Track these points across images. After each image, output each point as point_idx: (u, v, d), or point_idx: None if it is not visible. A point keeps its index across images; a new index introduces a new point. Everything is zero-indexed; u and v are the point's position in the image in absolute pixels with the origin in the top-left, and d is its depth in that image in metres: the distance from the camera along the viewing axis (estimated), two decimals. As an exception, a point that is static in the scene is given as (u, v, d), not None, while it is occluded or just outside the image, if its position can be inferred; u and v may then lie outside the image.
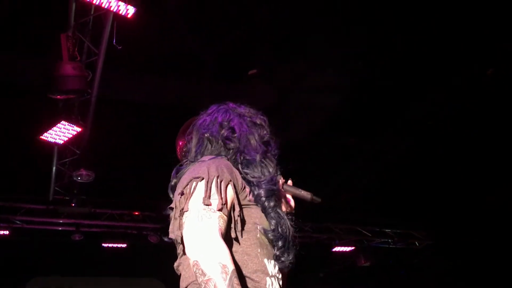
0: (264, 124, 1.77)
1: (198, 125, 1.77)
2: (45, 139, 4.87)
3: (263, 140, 1.73)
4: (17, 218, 6.48)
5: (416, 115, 6.08)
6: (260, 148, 1.68)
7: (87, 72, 4.32)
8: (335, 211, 7.83)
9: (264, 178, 1.60)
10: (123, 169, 6.27)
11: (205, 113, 1.79)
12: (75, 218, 6.65)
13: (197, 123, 1.78)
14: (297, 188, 1.87)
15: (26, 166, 5.97)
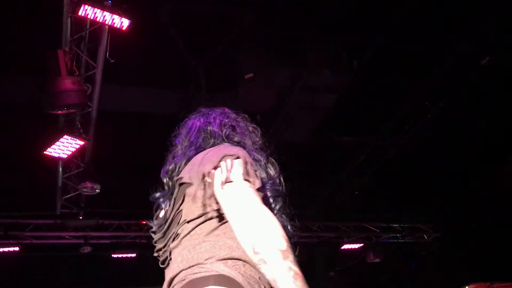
0: (256, 132, 1.74)
1: (192, 124, 1.73)
2: (49, 154, 4.92)
3: (255, 147, 1.68)
4: (26, 234, 6.53)
5: (414, 107, 6.10)
6: (263, 150, 1.66)
7: (87, 86, 4.37)
8: (342, 209, 7.85)
9: (270, 179, 1.57)
10: (128, 179, 6.31)
11: (198, 114, 1.76)
12: (83, 230, 6.70)
13: (190, 123, 1.75)
14: None
15: (32, 182, 6.02)
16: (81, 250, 6.75)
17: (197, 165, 1.46)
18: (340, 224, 8.03)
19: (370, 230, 8.14)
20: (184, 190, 1.46)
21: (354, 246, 8.10)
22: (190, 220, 1.38)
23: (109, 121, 5.34)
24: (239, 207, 1.26)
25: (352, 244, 8.06)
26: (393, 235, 8.24)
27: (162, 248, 1.46)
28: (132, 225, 7.06)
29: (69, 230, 6.63)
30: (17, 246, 6.48)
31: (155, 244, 1.49)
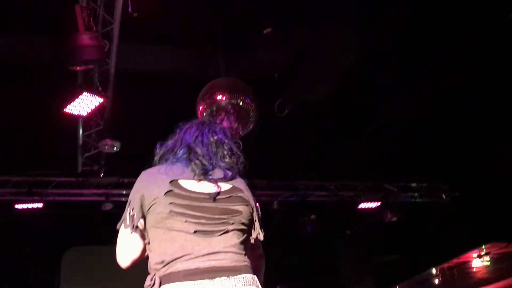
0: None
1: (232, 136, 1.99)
2: (69, 112, 4.98)
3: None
4: (49, 191, 6.70)
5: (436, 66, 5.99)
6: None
7: (104, 42, 4.37)
8: (360, 168, 7.86)
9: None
10: (147, 137, 6.37)
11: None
12: (104, 188, 6.84)
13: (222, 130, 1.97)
14: None
15: (54, 140, 6.13)
16: (102, 207, 6.90)
17: (251, 195, 1.78)
18: (358, 184, 8.04)
19: (387, 189, 8.15)
20: (244, 200, 1.72)
21: (371, 206, 8.12)
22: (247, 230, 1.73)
23: (127, 79, 5.37)
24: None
25: (369, 203, 8.09)
26: (410, 195, 8.24)
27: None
28: (151, 183, 7.16)
29: (91, 187, 6.77)
30: (41, 202, 6.65)
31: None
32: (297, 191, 7.80)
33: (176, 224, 1.60)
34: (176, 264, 1.55)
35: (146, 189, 1.68)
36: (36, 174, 6.70)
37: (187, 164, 1.75)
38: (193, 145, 1.83)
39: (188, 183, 1.68)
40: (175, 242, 1.59)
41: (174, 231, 1.60)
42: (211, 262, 1.56)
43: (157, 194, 1.63)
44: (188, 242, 1.58)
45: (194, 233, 1.59)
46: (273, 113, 5.80)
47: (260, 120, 5.30)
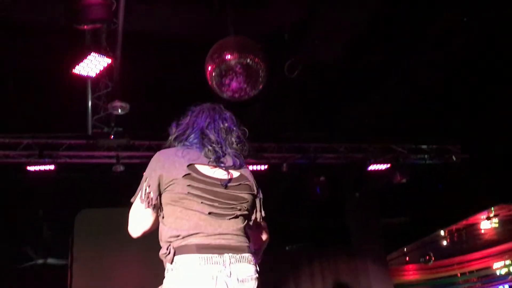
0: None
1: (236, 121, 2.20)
2: (78, 73, 4.95)
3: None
4: (60, 153, 6.75)
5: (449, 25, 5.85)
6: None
7: (111, 0, 4.30)
8: (369, 130, 7.82)
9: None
10: (156, 99, 6.37)
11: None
12: (115, 150, 6.87)
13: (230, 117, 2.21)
14: None
15: (63, 103, 6.12)
16: (113, 169, 6.95)
17: (254, 182, 2.06)
18: (367, 146, 8.01)
19: (397, 151, 8.11)
20: (250, 188, 2.01)
21: (380, 167, 8.10)
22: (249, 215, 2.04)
23: (135, 40, 5.31)
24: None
25: (378, 165, 8.07)
26: (420, 156, 8.20)
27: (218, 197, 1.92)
28: (162, 145, 7.17)
29: (101, 149, 6.80)
30: (52, 165, 6.71)
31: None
32: (306, 153, 7.78)
33: (193, 204, 1.87)
34: (190, 239, 1.83)
35: (165, 169, 1.92)
36: (46, 137, 6.73)
37: (201, 149, 1.99)
38: (206, 131, 2.05)
39: (203, 168, 1.94)
40: (191, 220, 1.86)
41: (191, 210, 1.87)
42: (221, 240, 1.85)
43: (176, 176, 1.88)
44: (202, 222, 1.86)
45: (208, 214, 1.87)
46: (283, 74, 5.72)
47: (269, 81, 5.24)
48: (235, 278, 1.81)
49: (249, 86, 4.65)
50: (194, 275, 1.77)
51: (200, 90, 5.35)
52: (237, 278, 1.81)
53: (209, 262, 1.78)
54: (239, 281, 1.82)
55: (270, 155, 7.68)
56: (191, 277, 1.77)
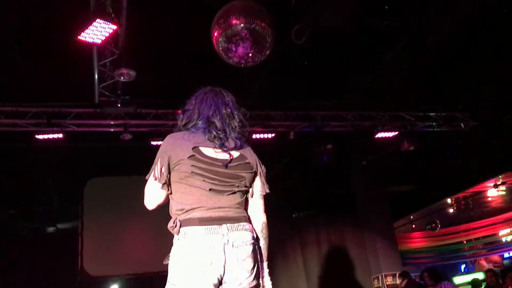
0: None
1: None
2: (83, 39, 4.92)
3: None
4: (68, 122, 6.77)
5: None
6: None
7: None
8: (378, 98, 7.75)
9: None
10: (163, 67, 6.34)
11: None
12: (122, 118, 6.88)
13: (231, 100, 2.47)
14: None
15: (70, 71, 6.10)
16: (121, 137, 6.98)
17: (255, 159, 2.35)
18: (375, 113, 7.96)
19: (405, 118, 8.06)
20: (248, 167, 2.28)
21: (388, 135, 8.07)
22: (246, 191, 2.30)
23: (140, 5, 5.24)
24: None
25: (386, 133, 8.03)
26: (428, 124, 8.15)
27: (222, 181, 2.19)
28: (169, 114, 7.19)
29: (109, 118, 6.82)
30: (61, 133, 6.74)
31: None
32: (313, 121, 7.75)
33: (196, 182, 2.14)
34: (193, 212, 2.12)
35: (173, 151, 2.17)
36: (54, 106, 6.74)
37: (206, 133, 2.24)
38: (212, 119, 2.29)
39: (207, 150, 2.20)
40: (194, 195, 2.14)
41: (194, 187, 2.15)
42: (220, 213, 2.13)
43: (182, 157, 2.15)
44: (204, 197, 2.14)
45: (209, 191, 2.15)
46: (290, 40, 5.64)
47: (276, 47, 5.17)
48: (231, 245, 2.09)
49: (255, 51, 4.60)
50: (196, 245, 2.06)
51: (207, 57, 5.32)
52: (232, 244, 2.09)
53: (209, 233, 2.07)
54: (234, 246, 2.09)
55: (277, 123, 7.66)
56: (194, 247, 2.06)
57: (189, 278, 2.04)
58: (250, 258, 2.14)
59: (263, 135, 7.64)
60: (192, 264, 2.05)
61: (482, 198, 11.24)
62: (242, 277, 2.11)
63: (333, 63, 6.93)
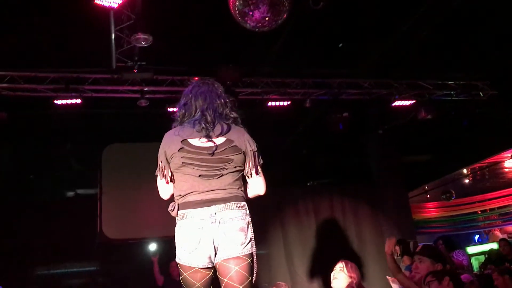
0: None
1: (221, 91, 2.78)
2: (100, 3, 4.92)
3: None
4: (86, 87, 6.84)
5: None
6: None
7: None
8: (395, 66, 7.66)
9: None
10: (180, 32, 6.32)
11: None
12: (139, 84, 6.93)
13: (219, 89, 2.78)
14: None
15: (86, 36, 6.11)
16: (138, 104, 7.04)
17: (244, 140, 2.61)
18: (393, 81, 7.87)
19: (423, 87, 7.97)
20: (236, 149, 2.55)
21: (405, 103, 7.99)
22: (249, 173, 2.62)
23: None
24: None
25: (403, 101, 7.96)
26: (447, 92, 8.05)
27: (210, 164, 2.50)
28: (185, 80, 7.20)
29: (126, 84, 6.86)
30: (79, 99, 6.82)
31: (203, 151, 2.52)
32: (330, 89, 7.71)
33: (188, 170, 2.49)
34: (188, 197, 2.48)
35: (167, 147, 2.53)
36: (72, 71, 6.80)
37: (195, 125, 2.54)
38: (206, 112, 2.59)
39: (194, 141, 2.52)
40: (188, 182, 2.50)
41: (187, 175, 2.49)
42: (210, 195, 2.46)
43: (174, 150, 2.50)
44: (196, 182, 2.48)
45: (199, 177, 2.48)
46: (308, 6, 5.57)
47: (293, 13, 5.12)
48: (218, 222, 2.41)
49: (272, 16, 4.56)
50: (188, 225, 2.43)
51: (224, 22, 5.29)
52: (220, 221, 2.42)
53: (199, 214, 2.43)
54: (221, 223, 2.42)
55: (293, 91, 7.64)
56: (186, 228, 2.44)
57: (185, 254, 2.43)
58: (239, 231, 2.43)
59: (279, 103, 7.63)
60: (186, 242, 2.43)
61: (498, 169, 11.15)
62: (231, 249, 2.41)
63: (350, 30, 6.84)
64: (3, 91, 6.64)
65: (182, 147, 2.50)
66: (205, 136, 2.51)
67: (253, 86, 7.46)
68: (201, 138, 2.52)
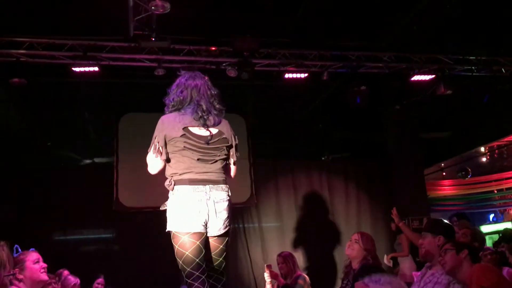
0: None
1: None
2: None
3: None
4: (103, 55, 6.84)
5: None
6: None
7: None
8: (415, 39, 7.52)
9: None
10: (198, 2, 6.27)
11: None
12: (156, 53, 6.91)
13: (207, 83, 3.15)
14: None
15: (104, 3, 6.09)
16: (155, 73, 7.04)
17: (230, 134, 3.13)
18: (412, 55, 7.74)
19: (443, 61, 7.82)
20: (225, 141, 3.06)
21: (425, 78, 7.86)
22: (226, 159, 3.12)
23: None
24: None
25: (423, 75, 7.83)
26: (467, 68, 7.89)
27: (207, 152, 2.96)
28: (202, 50, 7.18)
29: (143, 52, 6.86)
30: (96, 67, 6.84)
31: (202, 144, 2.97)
32: (348, 62, 7.61)
33: (187, 153, 2.89)
34: (184, 175, 2.88)
35: (167, 131, 2.91)
36: (90, 39, 6.80)
37: (193, 114, 2.94)
38: (200, 102, 2.98)
39: (194, 129, 2.94)
40: (185, 163, 2.89)
41: (185, 157, 2.89)
42: (205, 176, 2.90)
43: (175, 135, 2.90)
44: (193, 164, 2.89)
45: (197, 160, 2.91)
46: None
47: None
48: (212, 200, 2.87)
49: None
50: (187, 198, 2.84)
51: None
52: (213, 200, 2.88)
53: (196, 190, 2.85)
54: (215, 202, 2.89)
55: (310, 63, 7.56)
56: (186, 200, 2.84)
57: (185, 221, 2.82)
58: (225, 211, 2.94)
59: (296, 75, 7.56)
60: (185, 212, 2.83)
61: (517, 148, 10.99)
62: (219, 225, 2.92)
63: (370, 2, 6.71)
64: (22, 57, 6.67)
65: (184, 134, 2.89)
66: (203, 125, 2.95)
67: (270, 58, 7.39)
68: (200, 127, 2.95)
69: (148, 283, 7.84)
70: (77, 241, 8.54)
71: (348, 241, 4.19)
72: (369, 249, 4.05)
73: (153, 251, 7.86)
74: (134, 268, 8.00)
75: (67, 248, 8.19)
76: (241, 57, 7.08)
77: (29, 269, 3.12)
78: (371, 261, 3.93)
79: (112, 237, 8.64)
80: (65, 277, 5.71)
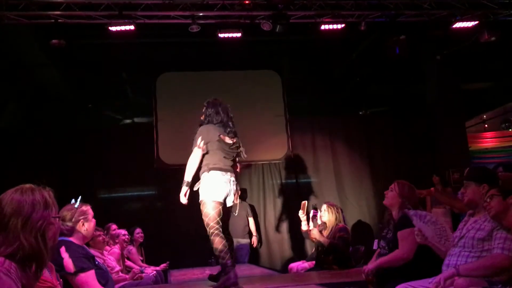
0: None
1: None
2: None
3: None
4: (138, 13, 6.85)
5: None
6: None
7: None
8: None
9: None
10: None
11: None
12: (189, 9, 6.87)
13: None
14: None
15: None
16: (189, 29, 7.01)
17: (240, 144, 4.68)
18: (455, 1, 7.38)
19: (487, 6, 7.43)
20: (238, 148, 4.60)
21: (467, 25, 7.52)
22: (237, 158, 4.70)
23: None
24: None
25: (465, 22, 7.49)
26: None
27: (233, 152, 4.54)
28: (235, 4, 7.08)
29: (177, 9, 6.83)
30: (132, 25, 6.86)
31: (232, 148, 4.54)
32: (386, 10, 7.35)
33: (219, 151, 4.35)
34: (216, 165, 4.32)
35: (208, 135, 4.37)
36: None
37: (224, 128, 4.48)
38: (227, 122, 4.53)
39: (226, 138, 4.43)
40: (216, 157, 4.34)
41: (217, 155, 4.34)
42: (228, 167, 4.40)
43: (213, 139, 4.36)
44: (222, 159, 4.35)
45: (223, 157, 4.38)
46: None
47: None
48: (232, 181, 4.40)
49: None
50: (220, 179, 4.29)
51: None
52: (232, 182, 4.40)
53: (224, 175, 4.32)
54: (232, 183, 4.40)
55: (347, 13, 7.34)
56: (219, 180, 4.29)
57: (215, 193, 4.27)
58: (235, 188, 4.44)
59: (332, 26, 7.38)
60: (218, 188, 4.28)
61: None
62: (232, 197, 4.45)
63: None
64: (60, 18, 6.76)
65: (219, 139, 4.37)
66: (230, 137, 4.47)
67: (305, 9, 7.21)
68: (228, 137, 4.45)
69: (186, 239, 8.10)
70: (121, 198, 8.80)
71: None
72: (406, 196, 3.95)
73: (194, 207, 8.03)
74: (175, 224, 8.28)
75: (111, 205, 8.48)
76: (275, 10, 6.95)
77: (90, 221, 3.41)
78: (412, 209, 3.88)
79: (155, 194, 8.87)
80: (114, 229, 5.97)
